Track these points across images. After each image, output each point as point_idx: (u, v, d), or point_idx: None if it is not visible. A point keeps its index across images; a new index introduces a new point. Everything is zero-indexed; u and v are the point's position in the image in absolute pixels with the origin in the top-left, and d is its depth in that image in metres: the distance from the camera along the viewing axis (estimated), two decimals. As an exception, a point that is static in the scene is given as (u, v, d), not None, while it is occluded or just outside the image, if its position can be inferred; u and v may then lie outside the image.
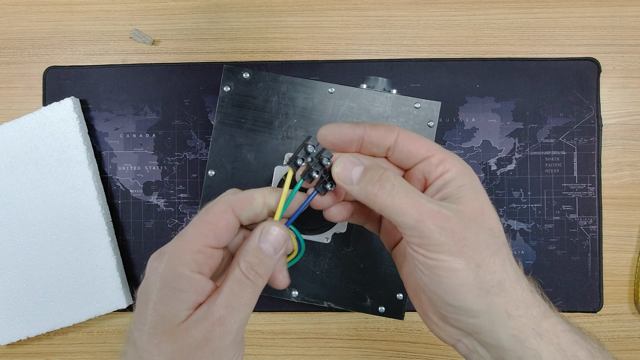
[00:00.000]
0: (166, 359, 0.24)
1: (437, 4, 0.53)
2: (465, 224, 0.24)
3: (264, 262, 0.25)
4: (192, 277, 0.24)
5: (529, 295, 0.26)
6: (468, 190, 0.26)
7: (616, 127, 0.52)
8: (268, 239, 0.26)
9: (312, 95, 0.44)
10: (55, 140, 0.49)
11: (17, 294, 0.50)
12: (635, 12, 0.52)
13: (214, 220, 0.25)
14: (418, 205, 0.24)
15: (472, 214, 0.25)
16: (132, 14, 0.53)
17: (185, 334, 0.24)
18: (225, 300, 0.24)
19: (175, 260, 0.24)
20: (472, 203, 0.25)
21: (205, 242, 0.25)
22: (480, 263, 0.24)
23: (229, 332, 0.24)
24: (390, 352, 0.52)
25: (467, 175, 0.26)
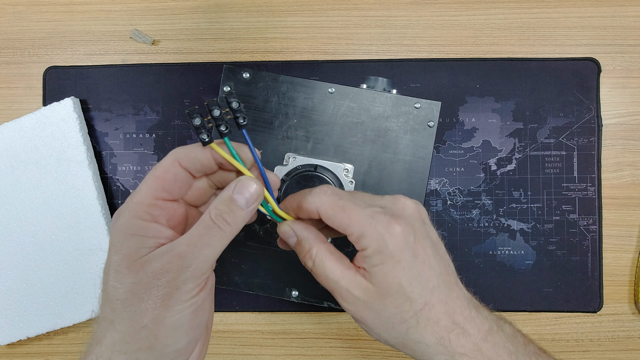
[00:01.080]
0: (128, 290, 0.25)
1: (437, 4, 0.53)
2: (369, 306, 0.29)
3: (234, 212, 0.27)
4: (148, 225, 0.26)
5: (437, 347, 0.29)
6: (378, 273, 0.29)
7: (616, 127, 0.52)
8: (242, 192, 0.27)
9: (312, 95, 0.44)
10: (55, 140, 0.49)
11: (17, 294, 0.50)
12: (635, 12, 0.52)
13: (162, 174, 0.27)
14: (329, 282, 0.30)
15: (377, 296, 0.29)
16: (132, 14, 0.53)
17: (145, 265, 0.25)
18: (189, 238, 0.26)
19: (128, 213, 0.26)
20: (380, 284, 0.29)
21: (155, 194, 0.27)
22: (380, 333, 0.30)
23: (187, 265, 0.25)
24: (390, 352, 0.52)
25: (380, 254, 0.28)
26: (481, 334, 0.29)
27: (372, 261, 0.29)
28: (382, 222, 0.28)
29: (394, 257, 0.28)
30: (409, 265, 0.29)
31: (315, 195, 0.30)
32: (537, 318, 0.51)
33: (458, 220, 0.51)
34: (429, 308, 0.29)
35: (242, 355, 0.52)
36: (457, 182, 0.51)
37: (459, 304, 0.30)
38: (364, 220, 0.28)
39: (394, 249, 0.28)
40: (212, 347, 0.52)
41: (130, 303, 0.25)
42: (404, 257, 0.28)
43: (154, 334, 0.25)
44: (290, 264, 0.44)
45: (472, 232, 0.51)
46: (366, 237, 0.28)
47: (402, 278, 0.28)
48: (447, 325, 0.29)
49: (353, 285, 0.29)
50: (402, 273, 0.28)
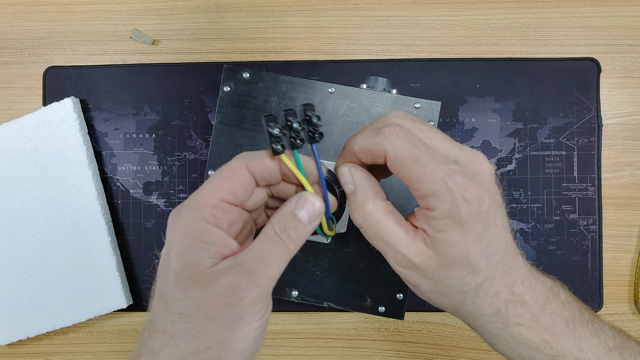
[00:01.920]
0: (192, 305, 0.23)
1: (437, 4, 0.53)
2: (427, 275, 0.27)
3: (298, 228, 0.25)
4: (211, 230, 0.24)
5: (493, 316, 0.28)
6: (444, 240, 0.26)
7: (616, 127, 0.52)
8: (305, 207, 0.26)
9: (312, 95, 0.44)
10: (55, 140, 0.49)
11: (17, 294, 0.50)
12: (635, 12, 0.52)
13: (229, 176, 0.25)
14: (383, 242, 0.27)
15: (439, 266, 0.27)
16: (132, 14, 0.53)
17: (213, 281, 0.23)
18: (256, 253, 0.24)
19: (193, 213, 0.24)
20: (444, 253, 0.26)
21: (220, 196, 0.25)
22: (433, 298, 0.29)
23: (257, 284, 0.24)
24: (390, 352, 0.52)
25: (449, 219, 0.26)
26: (539, 304, 0.28)
27: (439, 225, 0.26)
28: (459, 184, 0.25)
29: (465, 226, 0.25)
30: (479, 236, 0.26)
31: (384, 136, 0.26)
32: (537, 318, 0.51)
33: (458, 220, 0.51)
34: (490, 280, 0.27)
35: (242, 355, 0.52)
36: (457, 182, 0.51)
37: (520, 274, 0.28)
38: (439, 179, 0.25)
39: (466, 216, 0.25)
40: (212, 347, 0.52)
41: (195, 320, 0.23)
42: (475, 226, 0.26)
43: (219, 356, 0.24)
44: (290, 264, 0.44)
45: (472, 232, 0.51)
46: (437, 197, 0.25)
47: (470, 250, 0.26)
48: (506, 297, 0.28)
49: (412, 251, 0.27)
50: (470, 244, 0.26)
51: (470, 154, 0.27)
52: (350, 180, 0.28)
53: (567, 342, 0.28)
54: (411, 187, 0.26)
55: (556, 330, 0.28)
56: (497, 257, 0.27)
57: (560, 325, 0.28)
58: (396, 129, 0.26)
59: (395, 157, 0.26)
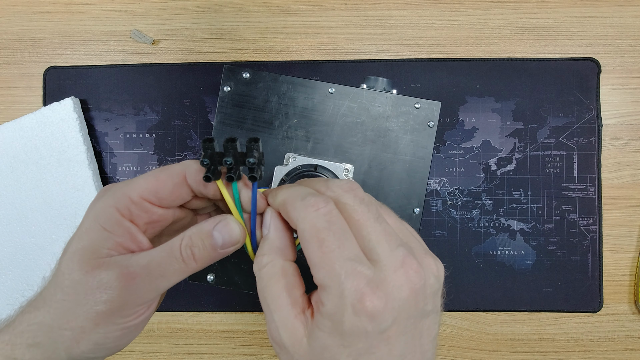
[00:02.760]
0: (71, 285, 0.24)
1: (437, 4, 0.53)
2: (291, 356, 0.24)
3: (206, 249, 0.24)
4: (121, 222, 0.24)
5: None
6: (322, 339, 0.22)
7: (616, 127, 0.52)
8: (223, 232, 0.25)
9: (312, 95, 0.44)
10: (55, 140, 0.49)
11: (17, 294, 0.50)
12: (635, 12, 0.52)
13: (163, 179, 0.25)
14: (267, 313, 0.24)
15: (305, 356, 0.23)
16: (132, 14, 0.53)
17: (96, 271, 0.24)
18: (147, 261, 0.24)
19: (110, 200, 0.24)
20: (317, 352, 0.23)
21: (144, 195, 0.25)
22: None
23: (133, 290, 0.24)
24: (390, 352, 0.51)
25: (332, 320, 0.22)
26: None
27: (321, 323, 0.22)
28: (355, 291, 0.21)
29: (344, 339, 0.22)
30: (356, 356, 0.22)
31: (304, 206, 0.23)
32: (537, 318, 0.51)
33: (458, 220, 0.51)
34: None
35: (242, 355, 0.52)
36: (457, 182, 0.51)
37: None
38: (335, 273, 0.21)
39: (349, 330, 0.21)
40: (212, 347, 0.52)
41: (67, 298, 0.24)
42: (357, 345, 0.22)
43: (76, 340, 0.24)
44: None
45: (472, 232, 0.51)
46: (327, 293, 0.22)
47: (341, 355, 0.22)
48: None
49: (287, 327, 0.23)
50: (341, 349, 0.22)
51: (400, 260, 0.22)
52: (267, 225, 0.26)
53: None
54: (311, 269, 0.23)
55: None
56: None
57: None
58: (321, 203, 0.23)
59: (303, 231, 0.23)
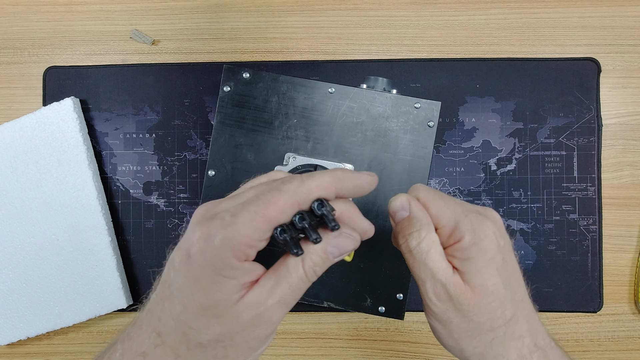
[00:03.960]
0: (212, 339, 0.24)
1: (437, 4, 0.53)
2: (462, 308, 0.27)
3: (325, 264, 0.26)
4: (242, 267, 0.24)
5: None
6: (471, 266, 0.27)
7: (616, 127, 0.52)
8: (339, 246, 0.26)
9: (312, 95, 0.44)
10: (55, 140, 0.49)
11: (17, 294, 0.50)
12: (635, 12, 0.52)
13: (275, 217, 0.24)
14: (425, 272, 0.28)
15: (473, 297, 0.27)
16: (132, 14, 0.53)
17: (235, 318, 0.24)
18: (281, 294, 0.25)
19: (226, 252, 0.23)
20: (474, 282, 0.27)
21: (260, 236, 0.24)
22: (462, 338, 0.28)
23: (274, 322, 0.25)
24: (390, 352, 0.52)
25: (475, 247, 0.27)
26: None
27: (466, 254, 0.27)
28: (476, 219, 0.28)
29: (487, 254, 0.27)
30: (502, 267, 0.27)
31: (414, 187, 0.30)
32: (537, 318, 0.51)
33: (458, 220, 0.51)
34: (515, 321, 0.28)
35: (242, 355, 0.52)
36: (457, 182, 0.51)
37: (540, 329, 0.29)
38: (460, 213, 0.28)
39: (487, 245, 0.27)
40: (212, 347, 0.52)
41: (213, 351, 0.24)
42: (497, 257, 0.27)
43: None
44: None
45: (472, 232, 0.51)
46: (461, 230, 0.27)
47: (497, 278, 0.27)
48: (530, 345, 0.28)
49: (452, 282, 0.27)
50: (496, 273, 0.27)
51: (480, 206, 0.30)
52: (406, 207, 0.29)
53: None
54: (439, 224, 0.28)
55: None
56: (519, 295, 0.28)
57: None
58: (419, 184, 0.30)
59: (426, 197, 0.29)
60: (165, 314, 0.25)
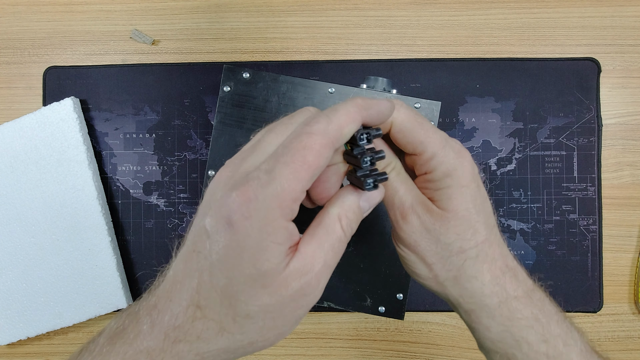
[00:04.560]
0: (261, 310, 0.23)
1: (437, 4, 0.53)
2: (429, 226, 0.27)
3: (358, 220, 0.26)
4: (287, 228, 0.23)
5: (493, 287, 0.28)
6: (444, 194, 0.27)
7: (616, 127, 0.52)
8: (370, 201, 0.26)
9: (312, 95, 0.44)
10: (55, 140, 0.49)
11: (17, 294, 0.50)
12: (635, 12, 0.52)
13: (315, 163, 0.22)
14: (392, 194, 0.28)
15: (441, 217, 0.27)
16: (132, 14, 0.53)
17: (284, 287, 0.23)
18: (325, 257, 0.24)
19: (274, 212, 0.22)
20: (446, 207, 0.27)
21: (304, 187, 0.22)
22: (433, 262, 0.28)
23: (321, 288, 0.24)
24: (390, 352, 0.52)
25: (449, 177, 0.27)
26: (529, 285, 0.29)
27: (440, 184, 0.27)
28: (454, 148, 0.28)
29: (462, 183, 0.27)
30: (475, 194, 0.28)
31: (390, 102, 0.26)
32: (537, 318, 0.51)
33: (458, 220, 0.51)
34: (489, 244, 0.28)
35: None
36: (457, 182, 0.51)
37: (508, 252, 0.29)
38: (439, 142, 0.27)
39: (462, 175, 0.27)
40: (212, 347, 0.52)
41: (261, 321, 0.24)
42: (472, 185, 0.28)
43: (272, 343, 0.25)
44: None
45: (472, 232, 0.51)
46: (437, 158, 0.27)
47: (470, 204, 0.27)
48: (502, 266, 0.28)
49: (419, 201, 0.27)
50: (469, 199, 0.27)
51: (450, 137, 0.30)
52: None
53: (556, 328, 0.28)
54: (417, 151, 0.27)
55: (546, 313, 0.28)
56: (492, 221, 0.29)
57: (551, 310, 0.29)
58: (400, 102, 0.28)
59: (403, 121, 0.27)
60: (205, 287, 0.24)
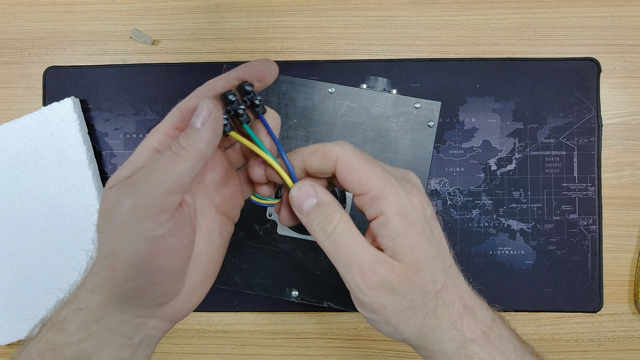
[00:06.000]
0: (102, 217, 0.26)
1: (437, 4, 0.53)
2: (394, 287, 0.26)
3: (188, 134, 0.25)
4: (145, 149, 0.26)
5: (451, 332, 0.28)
6: (403, 245, 0.26)
7: (616, 127, 0.52)
8: (196, 113, 0.26)
9: (312, 95, 0.44)
10: (55, 140, 0.50)
11: (17, 294, 0.50)
12: (635, 12, 0.52)
13: (184, 106, 0.27)
14: (349, 256, 0.26)
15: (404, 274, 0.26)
16: (132, 14, 0.53)
17: (109, 195, 0.25)
18: (144, 168, 0.25)
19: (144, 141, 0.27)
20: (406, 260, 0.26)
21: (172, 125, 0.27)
22: (399, 322, 0.27)
23: (136, 191, 0.24)
24: (390, 352, 0.52)
25: (402, 220, 0.26)
26: (487, 322, 0.28)
27: (394, 230, 0.25)
28: (404, 187, 0.26)
29: (417, 227, 0.26)
30: (430, 238, 0.26)
31: (336, 144, 0.27)
32: (537, 318, 0.51)
33: (458, 220, 0.51)
34: (445, 288, 0.27)
35: (242, 355, 0.52)
36: (457, 182, 0.51)
37: (465, 288, 0.29)
38: (386, 180, 0.26)
39: (415, 217, 0.26)
40: (212, 347, 0.52)
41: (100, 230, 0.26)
42: (425, 228, 0.26)
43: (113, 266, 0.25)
44: (290, 264, 0.44)
45: (472, 232, 0.51)
46: (386, 199, 0.25)
47: (428, 250, 0.26)
48: (459, 308, 0.28)
49: (378, 261, 0.26)
50: (427, 245, 0.26)
51: (402, 170, 0.29)
52: (313, 194, 0.27)
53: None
54: (362, 191, 0.26)
55: (506, 353, 0.28)
56: (447, 263, 0.28)
57: (508, 348, 0.28)
58: (342, 142, 0.28)
59: (347, 159, 0.27)
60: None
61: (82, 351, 0.25)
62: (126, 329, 0.26)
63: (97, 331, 0.25)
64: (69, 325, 0.25)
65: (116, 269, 0.25)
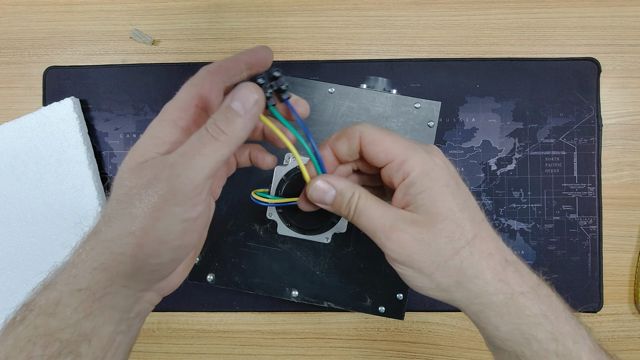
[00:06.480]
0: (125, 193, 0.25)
1: (437, 4, 0.53)
2: (417, 237, 0.27)
3: (229, 119, 0.25)
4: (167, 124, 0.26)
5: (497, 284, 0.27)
6: (425, 198, 0.27)
7: (616, 127, 0.52)
8: (240, 99, 0.26)
9: (312, 95, 0.44)
10: (55, 140, 0.49)
11: (17, 293, 0.50)
12: (635, 12, 0.52)
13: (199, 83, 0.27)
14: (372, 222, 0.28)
15: (426, 224, 0.27)
16: (132, 14, 0.53)
17: (141, 171, 0.25)
18: (183, 149, 0.25)
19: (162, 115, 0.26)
20: (428, 211, 0.27)
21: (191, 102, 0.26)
22: (432, 272, 0.28)
23: (176, 175, 0.24)
24: (390, 352, 0.52)
25: (426, 177, 0.27)
26: (534, 280, 0.28)
27: (418, 187, 0.27)
28: (426, 150, 0.28)
29: (440, 181, 0.27)
30: (456, 192, 0.28)
31: (358, 124, 0.29)
32: (537, 318, 0.51)
33: (458, 220, 0.51)
34: (480, 239, 0.27)
35: (242, 355, 0.52)
36: (457, 182, 0.51)
37: (506, 247, 0.29)
38: (409, 146, 0.28)
39: (439, 173, 0.27)
40: (212, 347, 0.52)
41: (125, 206, 0.25)
42: (450, 182, 0.28)
43: (140, 243, 0.24)
44: (290, 264, 0.44)
45: (472, 232, 0.51)
46: (411, 162, 0.27)
47: (452, 202, 0.27)
48: (501, 261, 0.27)
49: (399, 218, 0.27)
50: (450, 197, 0.27)
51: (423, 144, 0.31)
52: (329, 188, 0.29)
53: (565, 326, 0.27)
54: (386, 159, 0.28)
55: (554, 309, 0.27)
56: (479, 216, 0.28)
57: (559, 306, 0.28)
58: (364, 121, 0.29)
59: (370, 134, 0.29)
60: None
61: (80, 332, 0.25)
62: (127, 304, 0.26)
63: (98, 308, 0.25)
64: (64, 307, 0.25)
65: (144, 246, 0.24)
